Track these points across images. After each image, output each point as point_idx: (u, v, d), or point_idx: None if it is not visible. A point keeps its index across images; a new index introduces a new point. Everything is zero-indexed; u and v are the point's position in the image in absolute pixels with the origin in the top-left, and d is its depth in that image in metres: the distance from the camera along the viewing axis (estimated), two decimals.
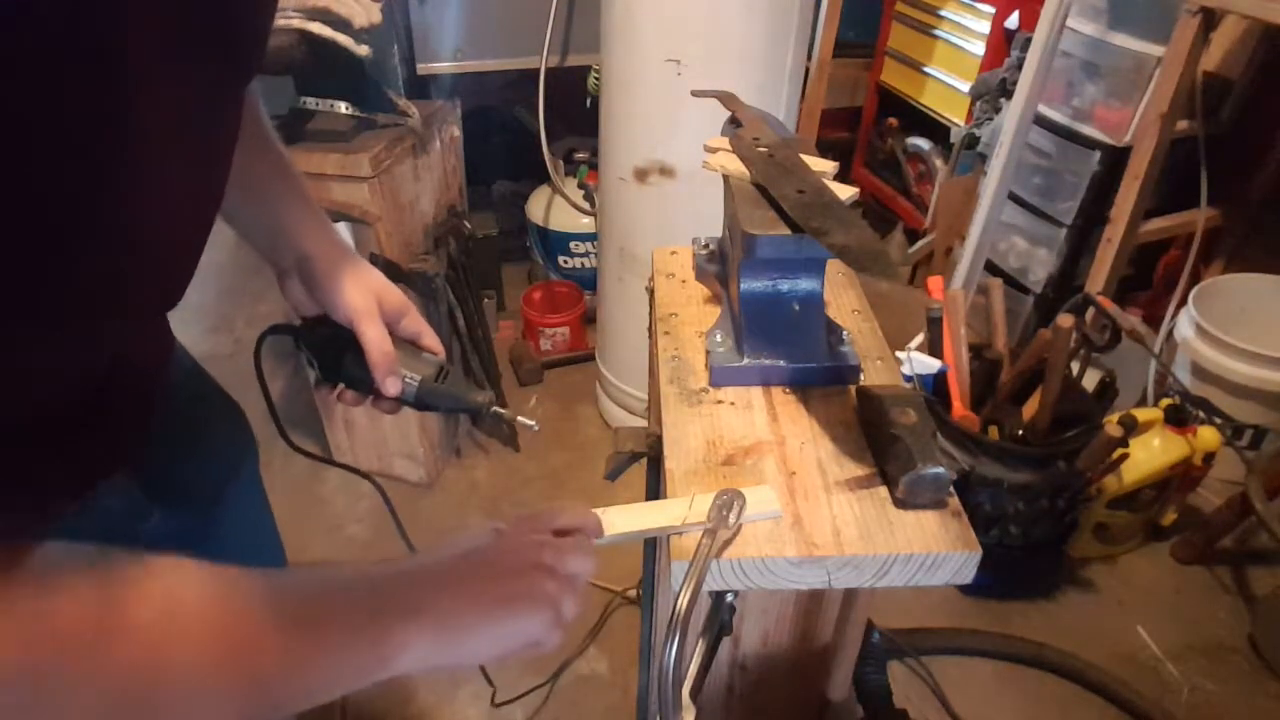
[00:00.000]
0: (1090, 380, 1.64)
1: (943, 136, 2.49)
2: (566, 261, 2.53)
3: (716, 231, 0.85)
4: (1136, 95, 1.94)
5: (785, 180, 0.67)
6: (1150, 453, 1.70)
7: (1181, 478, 1.76)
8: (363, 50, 1.47)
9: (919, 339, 1.72)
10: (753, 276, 0.70)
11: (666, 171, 1.74)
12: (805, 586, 0.59)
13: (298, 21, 1.41)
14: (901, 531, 0.59)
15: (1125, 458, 1.57)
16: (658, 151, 1.73)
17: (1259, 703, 1.57)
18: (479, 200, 2.72)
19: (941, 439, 1.53)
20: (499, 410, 0.75)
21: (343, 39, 1.44)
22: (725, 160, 0.73)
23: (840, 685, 0.88)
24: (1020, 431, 1.60)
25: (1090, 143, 2.06)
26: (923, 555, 0.58)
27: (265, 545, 0.88)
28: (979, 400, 1.62)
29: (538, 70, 2.20)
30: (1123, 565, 1.85)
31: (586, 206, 2.42)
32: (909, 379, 1.53)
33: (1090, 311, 1.60)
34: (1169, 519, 1.87)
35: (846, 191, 0.67)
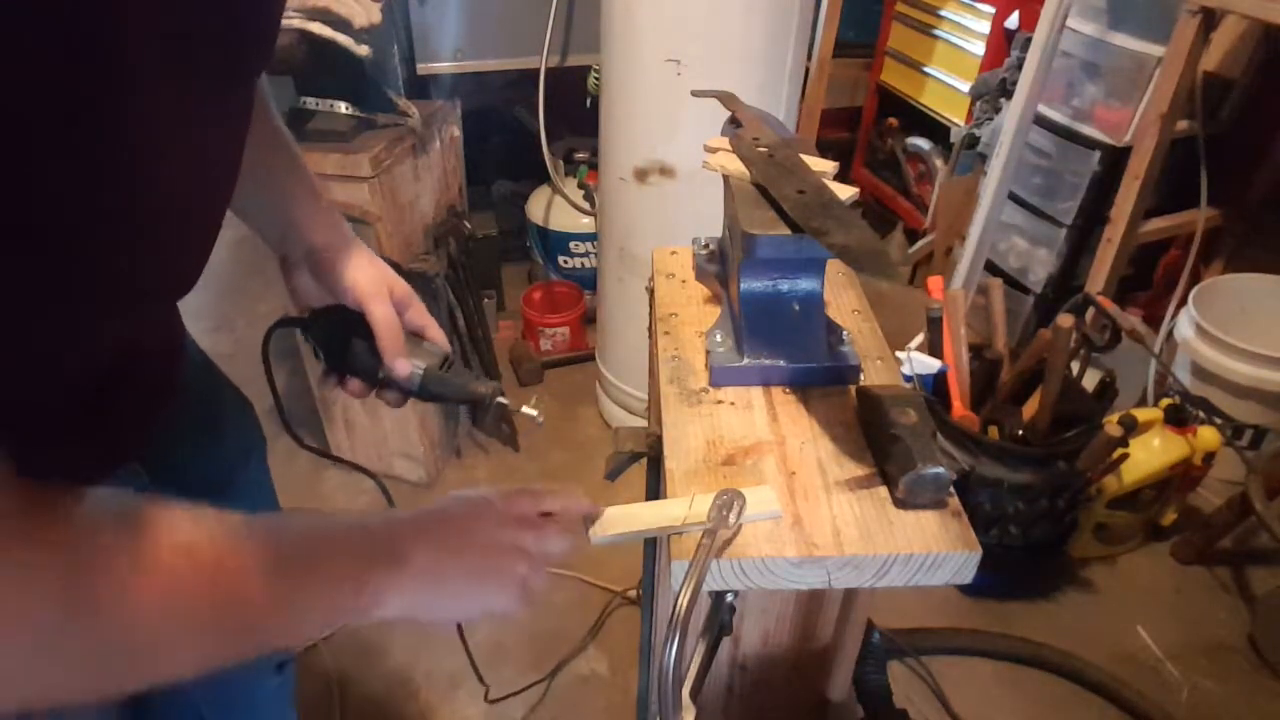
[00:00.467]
0: (1090, 380, 1.64)
1: (943, 136, 2.49)
2: (566, 261, 2.53)
3: (716, 231, 0.85)
4: (1136, 95, 1.94)
5: (785, 180, 0.67)
6: (1150, 453, 1.70)
7: (1181, 478, 1.76)
8: (363, 50, 1.47)
9: (919, 339, 1.72)
10: (753, 276, 0.70)
11: (666, 171, 1.74)
12: (805, 586, 0.59)
13: (298, 21, 1.41)
14: (901, 531, 0.59)
15: (1125, 458, 1.57)
16: (658, 151, 1.73)
17: (1259, 703, 1.57)
18: (479, 200, 2.72)
19: (941, 439, 1.53)
20: (503, 401, 0.75)
21: (343, 39, 1.44)
22: (725, 160, 0.73)
23: (840, 685, 0.88)
24: (1020, 431, 1.60)
25: (1090, 143, 2.06)
26: (923, 555, 0.58)
27: None
28: (979, 400, 1.62)
29: (538, 70, 2.20)
30: (1123, 565, 1.85)
31: (586, 206, 2.42)
32: (909, 379, 1.53)
33: (1090, 311, 1.60)
34: (1169, 519, 1.87)
35: (846, 191, 0.67)
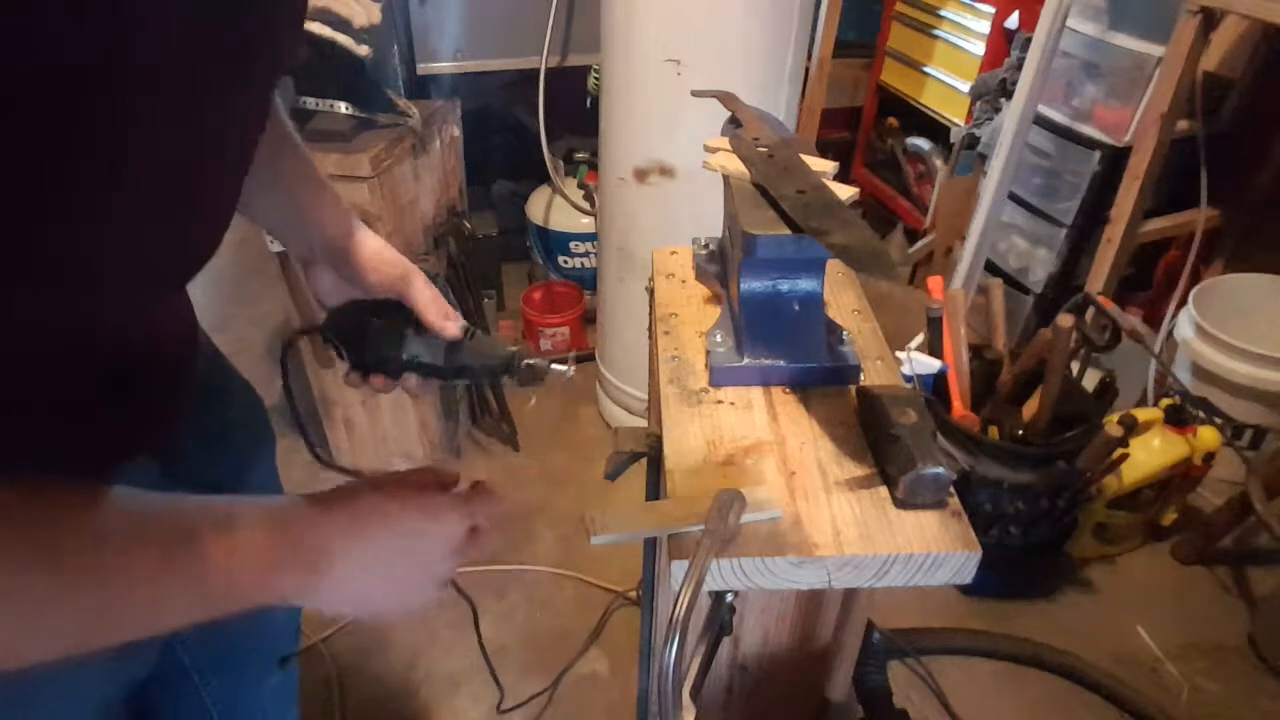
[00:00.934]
0: (1090, 380, 1.64)
1: (943, 136, 2.48)
2: (566, 261, 2.53)
3: (716, 231, 0.85)
4: (1136, 95, 1.94)
5: (785, 180, 0.67)
6: (1150, 453, 1.70)
7: (1181, 478, 1.76)
8: (363, 50, 1.47)
9: (919, 339, 1.72)
10: (753, 276, 0.70)
11: (666, 171, 1.74)
12: (805, 586, 0.59)
13: None
14: (901, 531, 0.59)
15: (1125, 458, 1.57)
16: (658, 151, 1.73)
17: (1259, 703, 1.57)
18: (479, 200, 2.72)
19: (941, 439, 1.53)
20: (531, 361, 0.73)
21: (342, 39, 1.44)
22: (725, 160, 0.73)
23: (840, 685, 0.88)
24: (1020, 431, 1.60)
25: (1090, 143, 2.06)
26: (923, 555, 0.58)
27: None
28: (979, 400, 1.62)
29: (538, 70, 2.20)
30: (1123, 565, 1.85)
31: (586, 206, 2.42)
32: (909, 379, 1.53)
33: (1090, 311, 1.60)
34: (1169, 519, 1.87)
35: (846, 191, 0.67)
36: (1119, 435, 1.45)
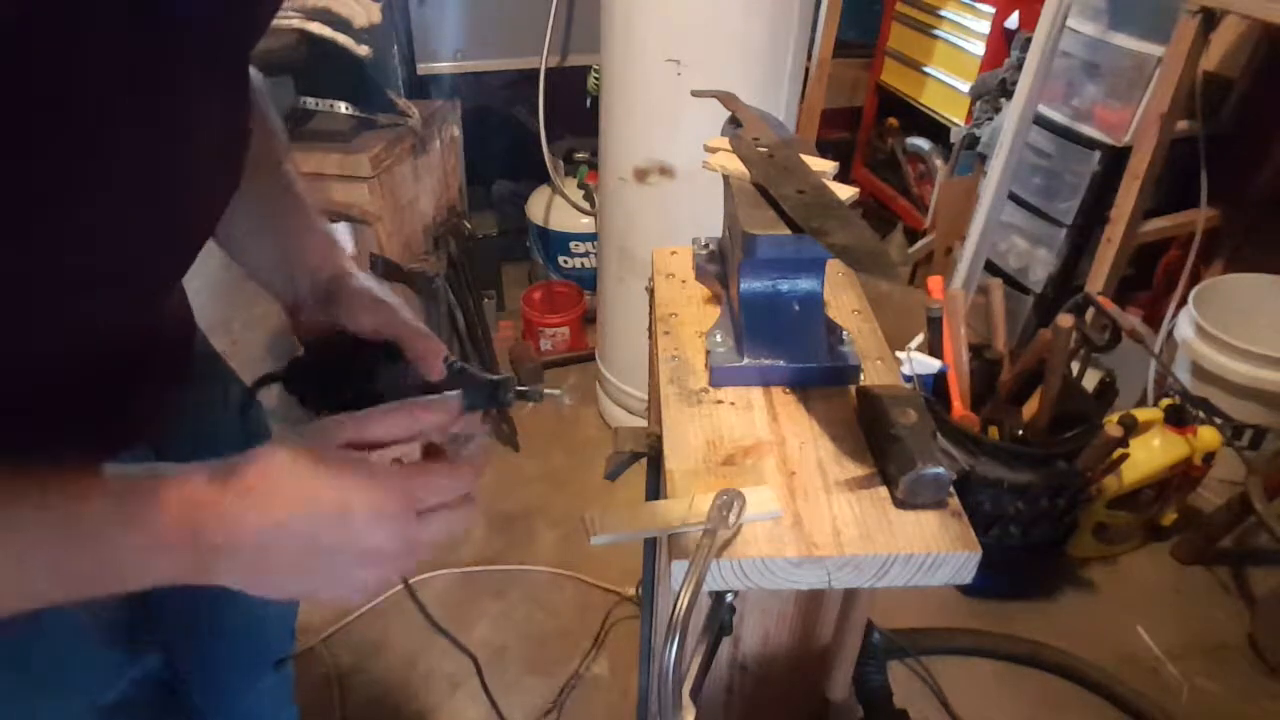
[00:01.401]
0: (1090, 380, 1.64)
1: (943, 136, 2.48)
2: (566, 261, 2.53)
3: (716, 231, 0.85)
4: (1136, 95, 1.94)
5: (785, 180, 0.67)
6: (1150, 453, 1.70)
7: (1181, 478, 1.76)
8: (363, 50, 1.47)
9: (919, 339, 1.72)
10: (753, 276, 0.70)
11: (666, 171, 1.74)
12: (805, 586, 0.59)
13: (298, 21, 1.41)
14: (901, 531, 0.59)
15: (1125, 458, 1.57)
16: (658, 151, 1.73)
17: (1259, 703, 1.57)
18: (479, 200, 2.72)
19: (941, 439, 1.53)
20: (523, 389, 0.69)
21: (343, 39, 1.44)
22: (725, 160, 0.73)
23: (840, 685, 0.88)
24: (1020, 431, 1.60)
25: (1090, 143, 2.06)
26: (923, 555, 0.58)
27: None
28: (979, 400, 1.62)
29: (538, 70, 2.20)
30: (1123, 565, 1.85)
31: (586, 206, 2.42)
32: (909, 379, 1.53)
33: (1090, 311, 1.60)
34: (1169, 519, 1.87)
35: (846, 191, 0.67)
36: (1119, 435, 1.45)
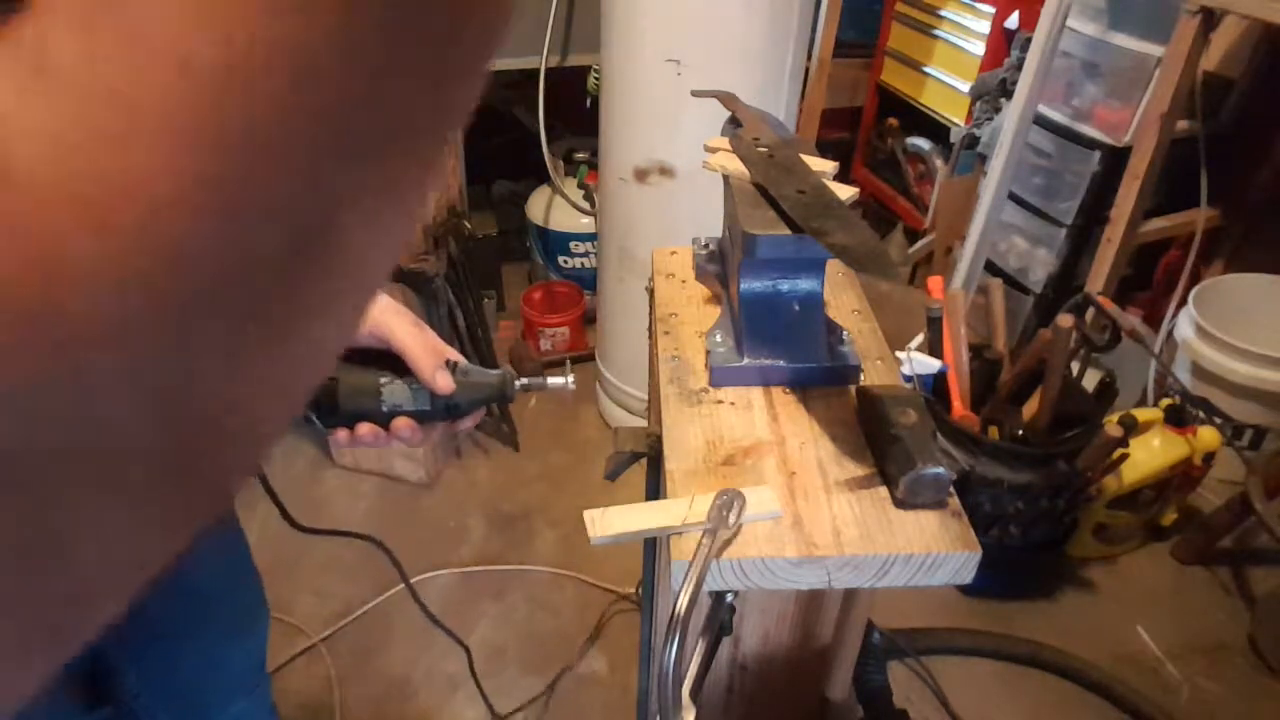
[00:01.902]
0: (1090, 380, 1.64)
1: (943, 136, 2.48)
2: (566, 261, 2.53)
3: (716, 231, 0.85)
4: (1136, 95, 1.94)
5: (785, 180, 0.67)
6: (1150, 453, 1.70)
7: (1181, 478, 1.76)
8: None
9: (919, 339, 1.72)
10: (753, 276, 0.70)
11: (666, 171, 1.74)
12: (805, 586, 0.59)
13: None
14: (901, 531, 0.59)
15: (1125, 458, 1.57)
16: (658, 151, 1.73)
17: (1259, 703, 1.57)
18: (479, 200, 2.72)
19: (941, 439, 1.53)
20: (526, 381, 0.70)
21: None
22: (725, 160, 0.73)
23: (840, 685, 0.88)
24: (1020, 431, 1.60)
25: (1090, 143, 2.06)
26: (923, 555, 0.58)
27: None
28: (979, 400, 1.62)
29: (538, 70, 2.19)
30: (1123, 565, 1.85)
31: (586, 206, 2.42)
32: (909, 379, 1.53)
33: (1090, 311, 1.60)
34: (1169, 519, 1.87)
35: (846, 191, 0.67)
36: (1119, 435, 1.45)
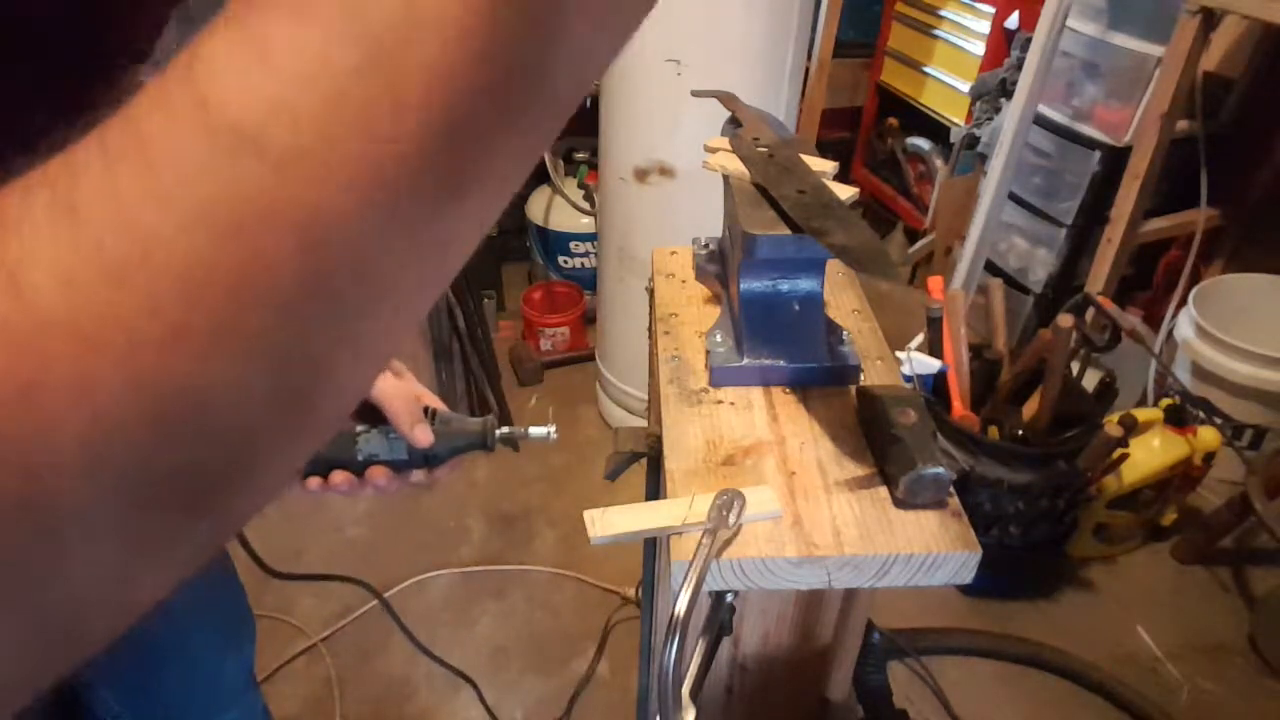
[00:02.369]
0: (1090, 380, 1.64)
1: (943, 136, 2.48)
2: (566, 261, 2.53)
3: (716, 231, 0.85)
4: (1136, 95, 1.94)
5: (785, 180, 0.67)
6: (1150, 453, 1.70)
7: (1181, 478, 1.76)
8: None
9: (919, 339, 1.72)
10: (753, 276, 0.70)
11: (666, 171, 1.74)
12: (805, 586, 0.59)
13: None
14: (901, 531, 0.59)
15: (1125, 458, 1.57)
16: (658, 151, 1.73)
17: (1259, 703, 1.57)
18: None
19: (941, 439, 1.54)
20: (507, 431, 0.71)
21: None
22: (725, 160, 0.73)
23: (840, 685, 0.88)
24: (1020, 431, 1.60)
25: (1090, 143, 2.06)
26: (923, 555, 0.58)
27: None
28: (979, 400, 1.62)
29: None
30: (1123, 565, 1.85)
31: (586, 206, 2.42)
32: (909, 379, 1.53)
33: (1090, 311, 1.60)
34: (1169, 519, 1.87)
35: (846, 191, 0.67)
36: (1119, 435, 1.45)
